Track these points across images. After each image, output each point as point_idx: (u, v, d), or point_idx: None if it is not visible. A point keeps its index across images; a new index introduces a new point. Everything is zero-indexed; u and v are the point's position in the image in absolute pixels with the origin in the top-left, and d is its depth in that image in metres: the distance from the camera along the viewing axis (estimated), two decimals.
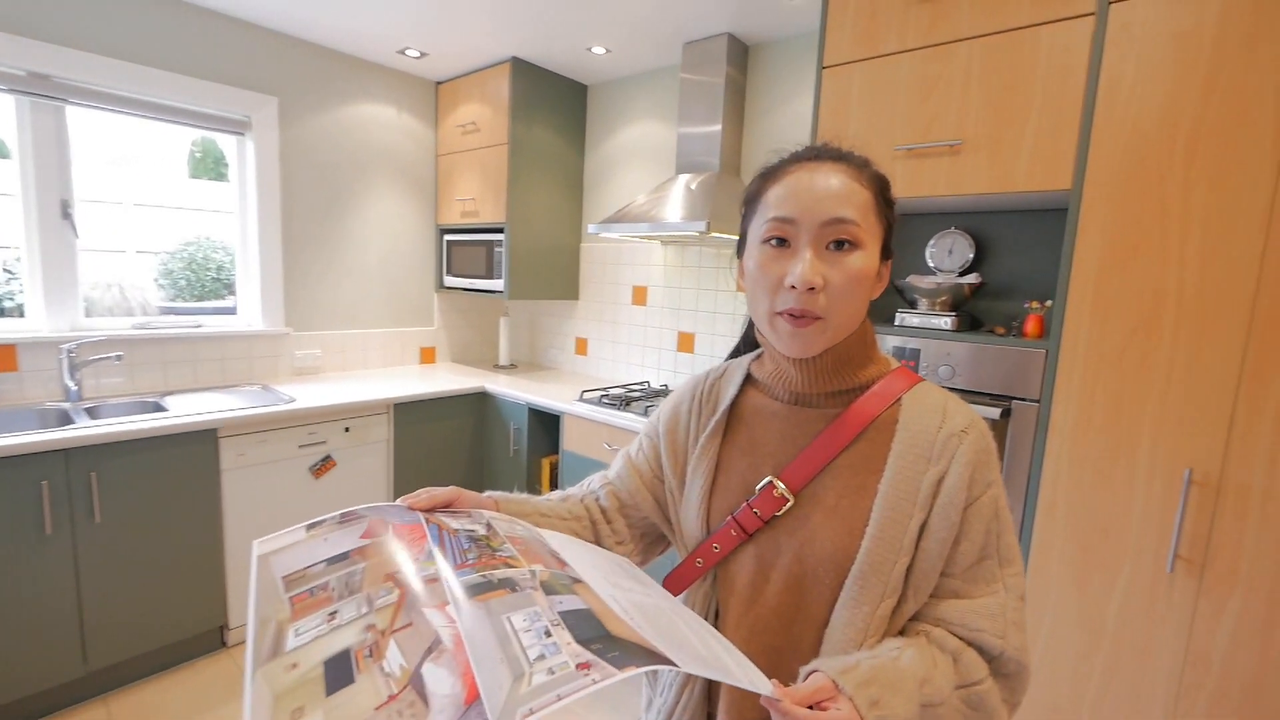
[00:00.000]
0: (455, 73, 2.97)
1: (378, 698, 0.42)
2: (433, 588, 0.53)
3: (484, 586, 0.53)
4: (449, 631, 0.48)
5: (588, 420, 2.39)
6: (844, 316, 0.64)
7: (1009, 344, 1.50)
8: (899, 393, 0.68)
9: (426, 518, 0.66)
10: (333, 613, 0.51)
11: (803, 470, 0.68)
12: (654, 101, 2.81)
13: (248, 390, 2.45)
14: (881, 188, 0.67)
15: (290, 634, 0.49)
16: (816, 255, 0.63)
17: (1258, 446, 1.18)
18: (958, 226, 1.83)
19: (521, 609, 0.50)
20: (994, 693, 0.60)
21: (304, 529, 0.63)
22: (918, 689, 0.55)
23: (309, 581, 0.55)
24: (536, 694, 0.41)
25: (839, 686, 0.53)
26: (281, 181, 2.63)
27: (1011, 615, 0.61)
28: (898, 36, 1.60)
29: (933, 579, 0.62)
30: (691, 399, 0.82)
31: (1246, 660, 1.21)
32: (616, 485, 0.83)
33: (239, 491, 2.11)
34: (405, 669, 0.44)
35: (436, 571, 0.55)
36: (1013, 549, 0.64)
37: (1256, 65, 1.15)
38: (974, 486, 0.62)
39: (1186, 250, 1.24)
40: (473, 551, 0.60)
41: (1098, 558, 1.36)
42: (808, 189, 0.64)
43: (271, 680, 0.45)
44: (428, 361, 3.27)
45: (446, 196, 3.14)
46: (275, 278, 2.65)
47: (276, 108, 2.56)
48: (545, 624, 0.49)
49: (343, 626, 0.49)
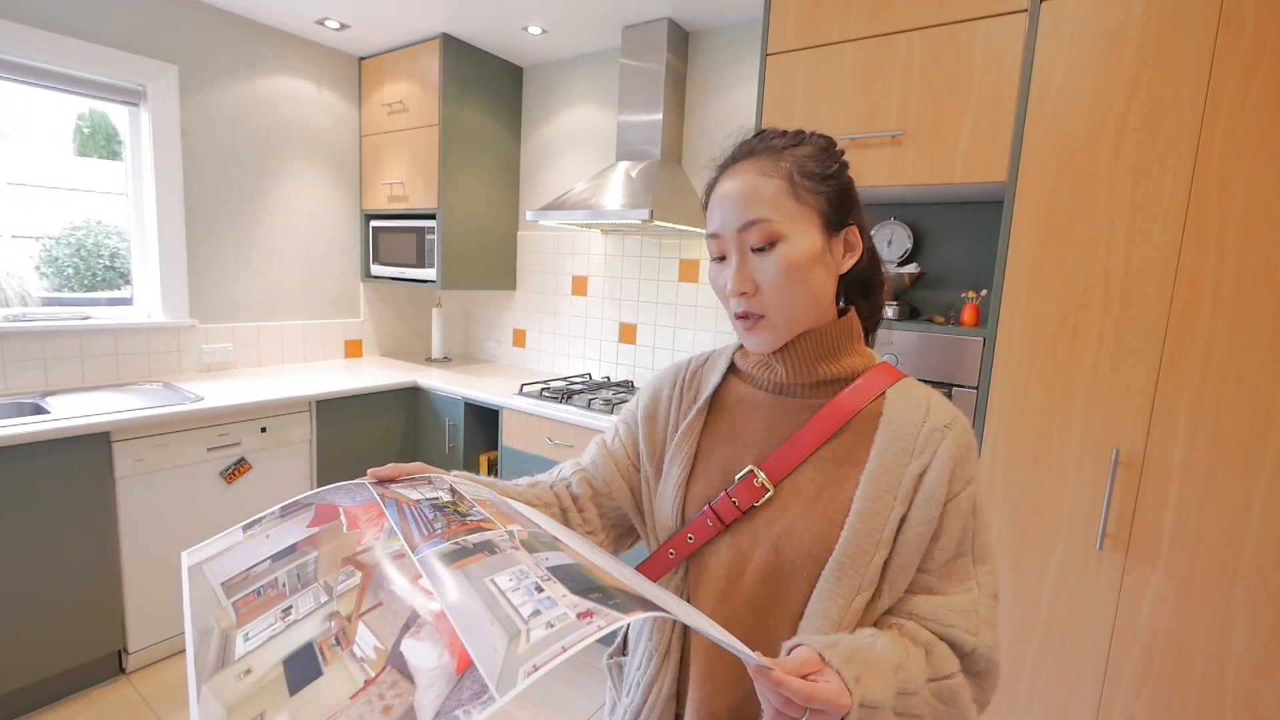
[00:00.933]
0: (380, 48, 2.79)
1: (352, 685, 0.38)
2: (401, 563, 0.48)
3: (459, 553, 0.48)
4: (426, 605, 0.42)
5: (528, 415, 2.30)
6: (789, 308, 0.64)
7: (948, 332, 1.53)
8: (883, 387, 0.67)
9: (382, 494, 0.60)
10: (287, 609, 0.46)
11: (784, 461, 0.66)
12: (593, 86, 2.73)
13: (147, 389, 2.22)
14: (798, 166, 0.64)
15: (239, 640, 0.44)
16: (744, 261, 0.65)
17: (1177, 426, 1.25)
18: (897, 217, 1.86)
19: (505, 569, 0.46)
20: (965, 689, 0.59)
21: (239, 530, 0.57)
22: (893, 674, 0.54)
23: (254, 582, 0.50)
24: (537, 649, 0.36)
25: (825, 660, 0.52)
26: (184, 159, 2.39)
27: (984, 613, 0.61)
28: (840, 26, 1.60)
29: (909, 574, 0.61)
30: (673, 385, 0.79)
31: (1167, 630, 1.28)
32: (590, 472, 0.80)
33: (137, 501, 1.90)
34: (381, 649, 0.40)
35: (402, 548, 0.50)
36: (988, 547, 0.63)
37: (1177, 64, 1.21)
38: (955, 482, 0.62)
39: (1113, 242, 1.29)
40: (439, 520, 0.55)
41: (1033, 537, 1.41)
42: (723, 200, 0.66)
43: (221, 692, 0.40)
44: (353, 355, 3.08)
45: (372, 180, 2.95)
46: (178, 265, 2.41)
47: (176, 77, 2.32)
48: (535, 580, 0.44)
49: (300, 621, 0.44)
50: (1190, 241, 1.22)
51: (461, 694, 0.35)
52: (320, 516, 0.57)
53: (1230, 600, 1.22)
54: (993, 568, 0.63)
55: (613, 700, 0.80)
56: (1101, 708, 1.36)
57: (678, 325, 2.57)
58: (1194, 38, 1.19)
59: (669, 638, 0.70)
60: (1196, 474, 1.24)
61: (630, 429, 0.81)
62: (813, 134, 0.69)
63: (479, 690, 0.34)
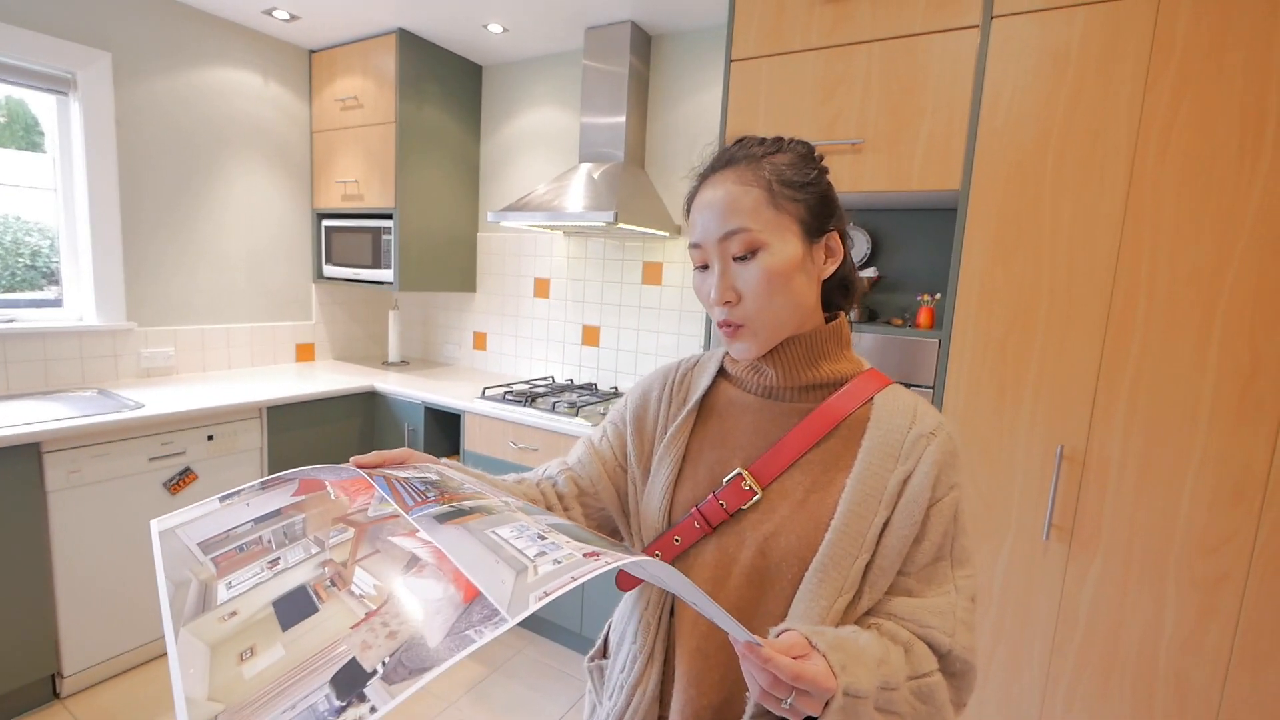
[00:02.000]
0: (332, 41, 2.70)
1: (353, 617, 0.36)
2: (396, 522, 0.46)
3: (456, 514, 0.47)
4: (427, 550, 0.41)
5: (491, 418, 2.27)
6: (771, 316, 0.65)
7: (905, 334, 1.59)
8: (871, 393, 0.68)
9: (370, 472, 0.58)
10: (274, 560, 0.43)
11: (772, 464, 0.67)
12: (555, 87, 2.71)
13: (80, 396, 2.08)
14: (777, 175, 0.65)
15: (220, 588, 0.41)
16: (726, 270, 0.65)
17: (1115, 422, 1.33)
18: (857, 223, 1.92)
19: (506, 524, 0.45)
20: (943, 688, 0.60)
21: (215, 500, 0.54)
22: (877, 667, 0.55)
23: (235, 541, 0.47)
24: (547, 579, 0.36)
25: (813, 644, 0.53)
26: (119, 152, 2.25)
27: (961, 615, 0.62)
28: (802, 34, 1.64)
29: (890, 577, 0.62)
30: (663, 387, 0.79)
31: (1107, 614, 1.37)
32: (577, 471, 0.80)
33: (72, 515, 1.78)
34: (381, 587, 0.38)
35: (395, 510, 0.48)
36: (967, 552, 0.65)
37: (1114, 82, 1.29)
38: (938, 487, 0.63)
39: (1056, 249, 1.37)
40: (431, 491, 0.53)
41: (984, 530, 1.48)
42: (703, 209, 0.67)
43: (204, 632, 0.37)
44: (305, 359, 2.97)
45: (324, 178, 2.85)
46: (113, 265, 2.27)
47: (110, 65, 2.19)
48: (536, 532, 0.43)
49: (290, 569, 0.42)
50: (1127, 249, 1.30)
51: (471, 617, 0.34)
52: (305, 487, 0.54)
53: (1163, 585, 1.31)
54: (971, 571, 0.65)
55: (593, 704, 0.79)
56: (1047, 689, 1.44)
57: (641, 328, 2.58)
58: (1129, 60, 1.27)
59: (653, 640, 0.70)
60: (1132, 468, 1.32)
61: (619, 430, 0.80)
62: (792, 141, 0.69)
63: (489, 613, 0.34)
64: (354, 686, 0.31)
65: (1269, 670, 1.24)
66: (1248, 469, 1.23)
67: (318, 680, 0.32)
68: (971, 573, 0.65)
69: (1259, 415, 1.21)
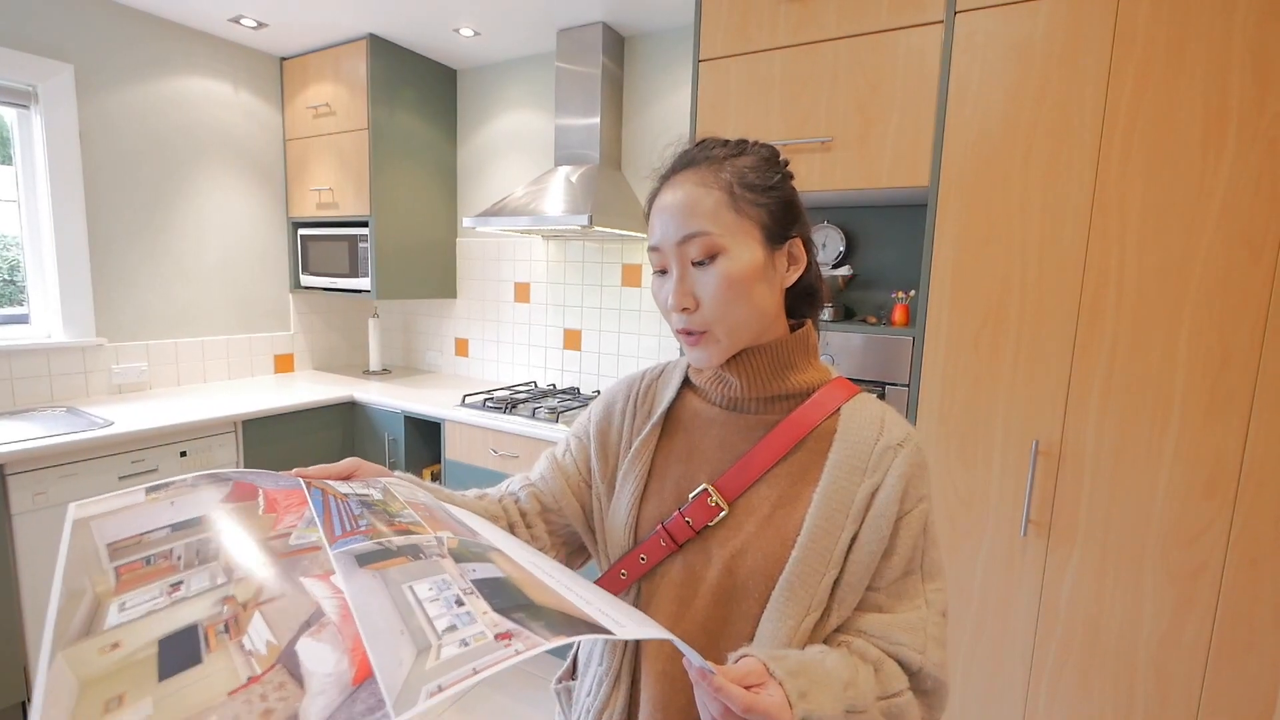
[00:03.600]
0: (302, 48, 2.67)
1: (233, 680, 0.33)
2: (314, 556, 0.43)
3: (380, 554, 0.44)
4: (334, 603, 0.38)
5: (472, 426, 2.24)
6: (730, 323, 0.63)
7: (880, 332, 1.58)
8: (839, 403, 0.66)
9: (308, 482, 0.56)
10: (176, 583, 0.40)
11: (739, 479, 0.65)
12: (530, 90, 2.69)
13: (48, 415, 2.04)
14: (739, 178, 0.63)
15: (112, 608, 0.38)
16: (685, 275, 0.63)
17: (1088, 417, 1.33)
18: (830, 221, 1.91)
19: (427, 577, 0.42)
20: (914, 706, 0.59)
21: (142, 491, 0.51)
22: (842, 691, 0.54)
23: (145, 549, 0.44)
24: (445, 668, 0.33)
25: (770, 671, 0.51)
26: (84, 165, 2.21)
27: (932, 630, 0.60)
28: (769, 33, 1.63)
29: (859, 593, 0.61)
30: (626, 399, 0.77)
31: (1086, 607, 1.36)
32: (539, 487, 0.77)
33: (39, 539, 1.75)
34: (273, 645, 0.35)
35: (319, 540, 0.46)
36: (937, 564, 0.63)
37: (1078, 76, 1.29)
38: (906, 500, 0.61)
39: (1027, 243, 1.36)
40: (365, 518, 0.50)
41: (964, 528, 1.47)
42: (662, 212, 0.65)
43: (79, 664, 0.34)
44: (284, 370, 2.93)
45: (299, 186, 2.82)
46: (80, 280, 2.23)
47: (72, 77, 2.15)
48: (456, 592, 0.41)
49: (188, 599, 0.39)
50: (1095, 242, 1.30)
51: (354, 706, 0.31)
52: (236, 494, 0.52)
53: (1140, 577, 1.31)
54: (942, 585, 0.63)
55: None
56: (1030, 684, 1.43)
57: (622, 330, 2.56)
58: (1092, 52, 1.27)
59: (619, 662, 0.68)
60: (1106, 461, 1.32)
61: (583, 444, 0.78)
62: (755, 144, 0.67)
63: (374, 705, 0.31)
64: None
65: (1247, 660, 1.24)
66: (1220, 460, 1.22)
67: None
68: (942, 586, 0.63)
69: (1230, 407, 1.21)
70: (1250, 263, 1.18)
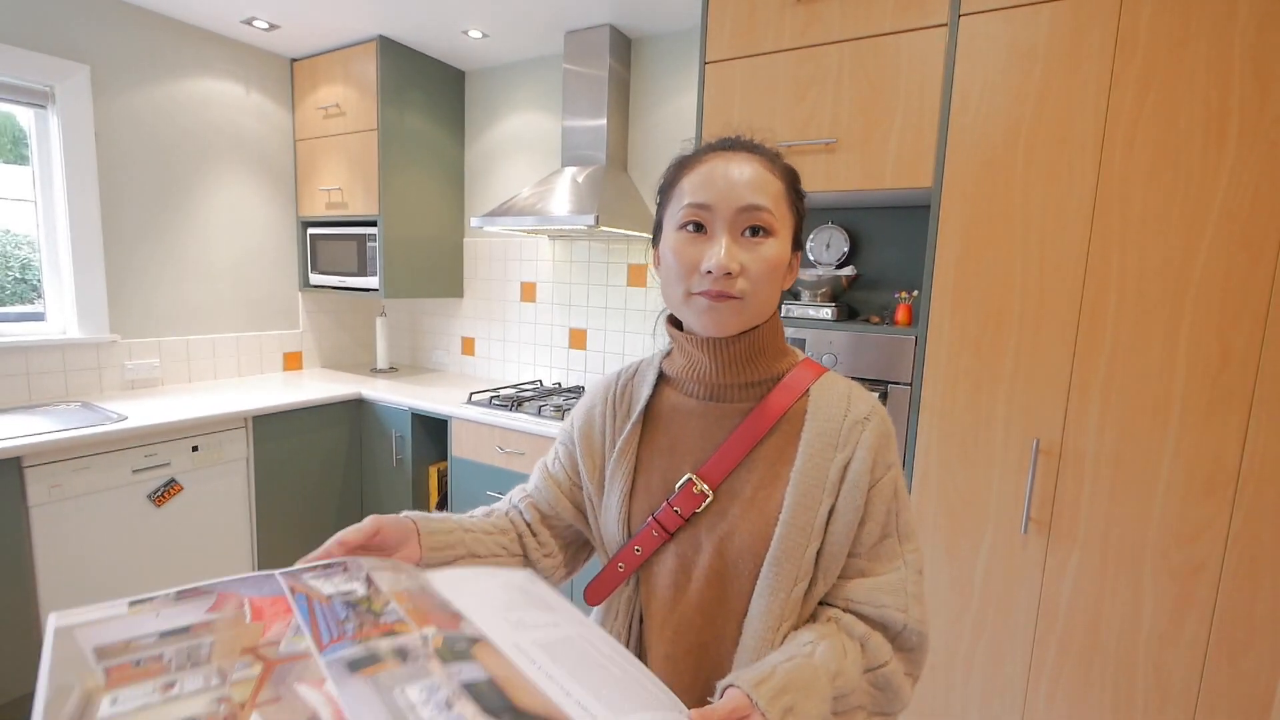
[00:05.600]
0: (313, 50, 2.70)
1: None
2: (305, 663, 0.45)
3: (369, 660, 0.46)
4: (329, 711, 0.39)
5: (478, 424, 2.27)
6: (759, 300, 0.66)
7: (883, 332, 1.59)
8: (806, 385, 0.70)
9: (292, 586, 0.56)
10: (169, 683, 0.40)
11: (720, 465, 0.68)
12: (537, 91, 2.72)
13: (63, 409, 2.08)
14: (793, 180, 0.69)
15: (104, 702, 0.38)
16: (733, 240, 0.64)
17: (1089, 415, 1.34)
18: (834, 221, 1.92)
19: (416, 681, 0.44)
20: (898, 671, 0.63)
21: (124, 604, 0.50)
22: (830, 684, 0.57)
23: (134, 652, 0.44)
24: None
25: (754, 701, 0.53)
26: (99, 165, 2.25)
27: (912, 589, 0.64)
28: (774, 36, 1.64)
29: (841, 560, 0.64)
30: (605, 402, 0.79)
31: (1086, 605, 1.37)
32: (535, 498, 0.81)
33: (55, 530, 1.78)
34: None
35: (308, 647, 0.47)
36: (910, 525, 0.67)
37: (1080, 79, 1.30)
38: (876, 469, 0.65)
39: (1028, 245, 1.38)
40: (351, 621, 0.52)
41: (964, 525, 1.49)
42: (723, 176, 0.65)
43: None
44: (293, 368, 2.96)
45: (308, 186, 2.85)
46: (95, 277, 2.27)
47: (88, 78, 2.19)
48: (445, 695, 0.43)
49: (183, 698, 0.39)
50: (1096, 244, 1.31)
51: None
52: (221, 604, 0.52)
53: (1140, 576, 1.32)
54: (916, 545, 0.67)
55: None
56: (1030, 681, 1.45)
57: (628, 330, 2.58)
58: (1094, 56, 1.28)
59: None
60: (1107, 460, 1.33)
61: (569, 450, 0.81)
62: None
63: None
64: None
65: (1246, 659, 1.25)
66: (1219, 460, 1.23)
67: None
68: (916, 546, 0.67)
69: (1229, 406, 1.22)
70: (1250, 264, 1.19)
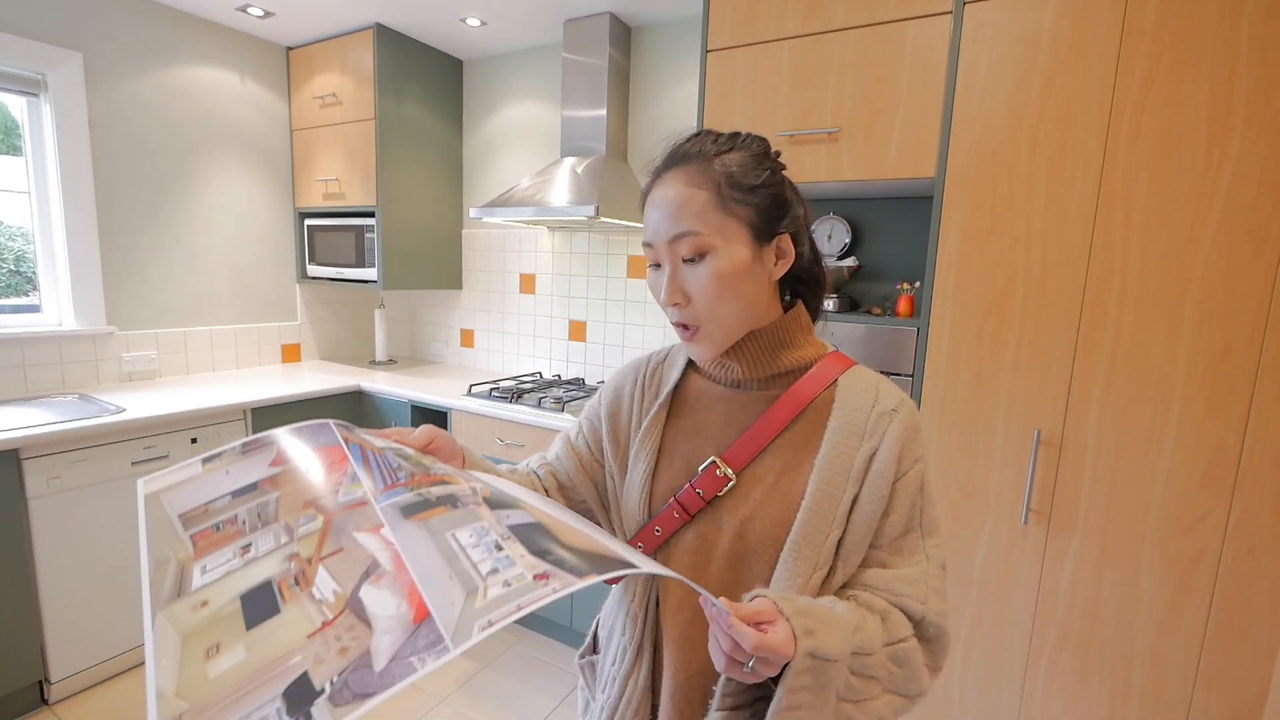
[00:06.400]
0: (309, 37, 2.67)
1: (310, 625, 0.38)
2: (363, 511, 0.48)
3: (421, 505, 0.49)
4: (387, 554, 0.43)
5: (478, 415, 2.26)
6: (721, 319, 0.66)
7: (885, 323, 1.59)
8: (835, 375, 0.70)
9: (347, 438, 0.60)
10: (246, 545, 0.46)
11: (744, 450, 0.68)
12: (536, 81, 2.70)
13: (60, 401, 2.07)
14: (726, 176, 0.64)
15: (196, 572, 0.44)
16: (676, 272, 0.66)
17: (1090, 408, 1.34)
18: (836, 212, 1.92)
19: (466, 525, 0.47)
20: (918, 652, 0.62)
21: (198, 463, 0.57)
22: (851, 634, 0.57)
23: (213, 517, 0.50)
24: (493, 606, 0.38)
25: (780, 609, 0.54)
26: (93, 154, 2.23)
27: (933, 583, 0.64)
28: (777, 24, 1.63)
29: (861, 550, 0.64)
30: (634, 383, 0.80)
31: (1084, 594, 1.38)
32: (555, 466, 0.83)
33: (54, 522, 1.77)
34: (340, 594, 0.40)
35: (364, 494, 0.50)
36: (935, 521, 0.67)
37: (1085, 68, 1.29)
38: (903, 462, 0.65)
39: (1031, 235, 1.37)
40: (404, 470, 0.55)
41: (965, 516, 1.49)
42: (654, 209, 0.67)
43: (177, 621, 0.40)
44: (291, 360, 2.95)
45: (305, 176, 2.83)
46: (90, 269, 2.25)
47: (81, 66, 2.16)
48: (495, 538, 0.45)
49: (260, 559, 0.44)
50: (1099, 235, 1.31)
51: (417, 642, 0.36)
52: (282, 457, 0.57)
53: (1138, 565, 1.33)
54: (940, 540, 0.67)
55: (586, 700, 0.82)
56: (1028, 670, 1.46)
57: (628, 322, 2.58)
58: (1100, 44, 1.28)
59: (641, 631, 0.72)
60: (1107, 451, 1.33)
61: (594, 426, 0.82)
62: (746, 138, 0.68)
63: (434, 640, 0.36)
64: (303, 704, 0.33)
65: (1242, 648, 1.26)
66: (1220, 451, 1.24)
67: (271, 691, 0.34)
68: (940, 541, 0.67)
69: (1230, 398, 1.22)
70: (1252, 256, 1.19)
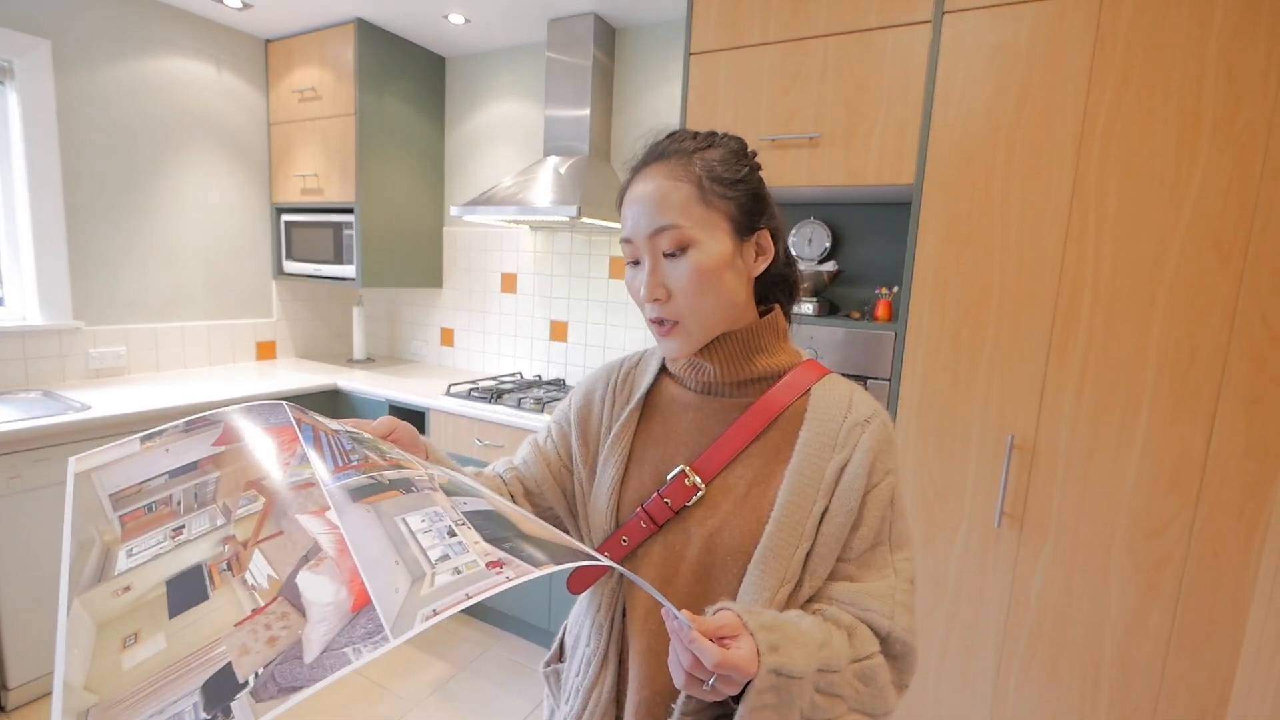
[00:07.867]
0: (288, 30, 2.63)
1: (239, 613, 0.36)
2: (309, 493, 0.45)
3: (373, 488, 0.46)
4: (330, 538, 0.40)
5: (457, 416, 2.24)
6: (702, 314, 0.65)
7: (863, 327, 1.61)
8: (808, 384, 0.69)
9: (298, 418, 0.57)
10: (178, 528, 0.43)
11: (714, 460, 0.67)
12: (519, 79, 2.68)
13: (23, 398, 2.01)
14: (708, 171, 0.64)
15: (121, 555, 0.41)
16: (656, 266, 0.65)
17: (1062, 413, 1.36)
18: (816, 217, 1.93)
19: (419, 509, 0.44)
20: (884, 669, 0.61)
21: (137, 440, 0.53)
22: (817, 650, 0.56)
23: (146, 497, 0.46)
24: (440, 594, 0.35)
25: (745, 623, 0.53)
26: (61, 145, 2.17)
27: (900, 598, 0.63)
28: (760, 28, 1.64)
29: (829, 564, 0.63)
30: (605, 386, 0.79)
31: (1056, 597, 1.40)
32: (522, 472, 0.80)
33: (13, 523, 1.72)
34: (275, 579, 0.38)
35: (312, 475, 0.47)
36: (905, 535, 0.66)
37: (1059, 78, 1.31)
38: (874, 474, 0.64)
39: (1006, 242, 1.39)
40: (357, 452, 0.52)
41: (940, 519, 1.51)
42: (633, 204, 0.66)
43: (95, 607, 0.38)
44: (266, 358, 2.90)
45: (283, 171, 2.78)
46: (57, 262, 2.19)
47: (49, 53, 2.10)
48: (449, 524, 0.42)
49: (191, 541, 0.42)
50: (1072, 242, 1.33)
51: (354, 631, 0.33)
52: (227, 435, 0.53)
53: (1107, 568, 1.35)
54: (909, 554, 0.65)
55: (550, 708, 0.79)
56: (999, 672, 1.48)
57: (609, 322, 2.57)
58: (1074, 56, 1.30)
59: (606, 642, 0.70)
60: (1079, 456, 1.36)
61: (563, 430, 0.80)
62: (724, 136, 0.69)
63: (373, 629, 0.33)
64: (222, 699, 0.31)
65: (1206, 650, 1.28)
66: (1186, 455, 1.27)
67: (190, 684, 0.32)
68: (909, 555, 0.65)
69: (1196, 403, 1.25)
70: (1219, 265, 1.22)
